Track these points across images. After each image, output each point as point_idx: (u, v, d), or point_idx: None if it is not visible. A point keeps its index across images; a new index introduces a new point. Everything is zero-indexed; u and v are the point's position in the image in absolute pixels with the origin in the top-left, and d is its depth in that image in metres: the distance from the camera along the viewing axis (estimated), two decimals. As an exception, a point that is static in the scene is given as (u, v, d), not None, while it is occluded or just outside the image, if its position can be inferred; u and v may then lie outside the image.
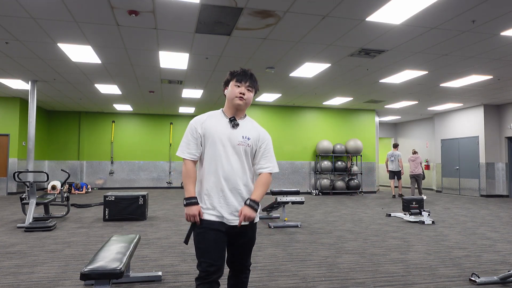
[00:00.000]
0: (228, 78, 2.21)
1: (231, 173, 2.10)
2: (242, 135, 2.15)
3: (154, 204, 9.40)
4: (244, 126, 2.19)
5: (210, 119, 2.18)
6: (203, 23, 5.50)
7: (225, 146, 2.11)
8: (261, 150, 2.20)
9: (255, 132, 2.21)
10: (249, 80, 2.16)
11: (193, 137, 2.14)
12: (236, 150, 2.12)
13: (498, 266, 3.95)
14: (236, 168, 2.11)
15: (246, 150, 2.15)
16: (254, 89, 2.20)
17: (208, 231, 2.05)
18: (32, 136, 9.33)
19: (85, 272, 2.24)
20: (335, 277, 3.52)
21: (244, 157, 2.14)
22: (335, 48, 6.59)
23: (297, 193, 6.45)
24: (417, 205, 7.12)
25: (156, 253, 4.36)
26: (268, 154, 2.22)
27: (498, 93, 10.43)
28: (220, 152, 2.10)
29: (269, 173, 2.20)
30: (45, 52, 6.86)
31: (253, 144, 2.17)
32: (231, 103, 2.17)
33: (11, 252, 4.35)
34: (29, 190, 6.13)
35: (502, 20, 5.26)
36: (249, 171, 2.17)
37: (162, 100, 11.88)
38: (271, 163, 2.21)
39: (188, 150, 2.14)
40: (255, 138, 2.19)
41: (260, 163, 2.19)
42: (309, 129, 13.20)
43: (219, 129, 2.13)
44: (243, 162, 2.14)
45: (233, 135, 2.13)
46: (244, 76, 2.16)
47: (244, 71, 2.18)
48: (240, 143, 2.13)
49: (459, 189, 13.28)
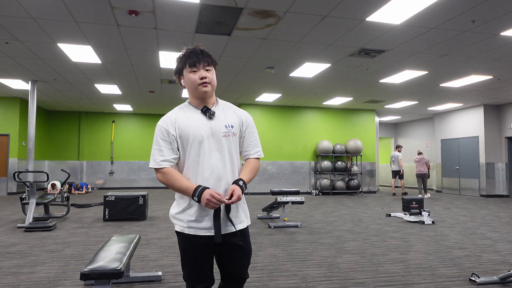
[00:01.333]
0: (178, 65, 1.87)
1: (221, 173, 1.80)
2: (225, 125, 1.84)
3: (154, 204, 9.40)
4: (222, 114, 1.87)
5: (181, 115, 1.84)
6: (203, 23, 5.50)
7: (209, 143, 1.80)
8: (246, 135, 1.92)
9: (236, 116, 1.90)
10: (203, 59, 1.80)
11: (166, 141, 1.79)
12: (221, 144, 1.81)
13: (498, 266, 3.95)
14: (226, 166, 1.82)
15: (234, 141, 1.86)
16: (213, 66, 1.85)
17: (194, 244, 1.79)
18: (32, 136, 9.33)
19: (85, 272, 2.24)
20: (335, 277, 3.52)
21: (234, 149, 1.86)
22: (335, 48, 6.59)
23: (297, 193, 6.45)
24: (417, 205, 7.12)
25: (156, 253, 4.36)
26: (253, 138, 1.94)
27: (498, 93, 10.43)
28: (205, 151, 1.78)
29: (257, 158, 1.94)
30: (45, 52, 6.86)
31: (237, 131, 1.88)
32: (195, 92, 1.82)
33: (11, 252, 4.35)
34: (29, 190, 6.13)
35: (502, 20, 5.26)
36: (238, 166, 1.89)
37: (162, 100, 11.88)
38: (258, 147, 1.95)
39: (162, 158, 1.78)
40: (238, 124, 1.89)
41: (246, 149, 1.93)
42: (309, 129, 13.20)
43: (197, 125, 1.80)
44: (232, 156, 1.85)
45: (214, 127, 1.82)
46: (196, 57, 1.80)
47: (193, 51, 1.82)
48: (225, 134, 1.83)
49: (459, 189, 13.28)
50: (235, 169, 1.86)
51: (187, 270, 1.83)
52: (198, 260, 1.80)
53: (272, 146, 12.66)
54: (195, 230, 1.78)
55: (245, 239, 1.87)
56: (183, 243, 1.83)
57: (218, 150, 1.81)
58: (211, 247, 1.81)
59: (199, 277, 1.81)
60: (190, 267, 1.81)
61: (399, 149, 13.22)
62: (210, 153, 1.80)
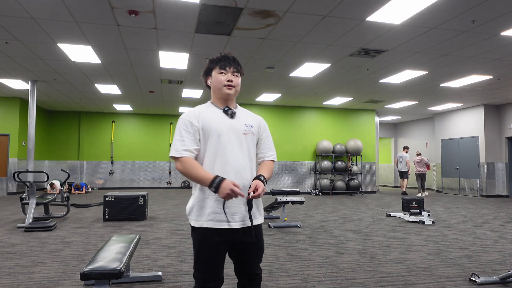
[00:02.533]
0: (209, 66, 1.98)
1: (240, 167, 1.86)
2: (245, 123, 1.94)
3: (154, 204, 9.40)
4: (242, 115, 1.98)
5: (205, 110, 1.93)
6: (203, 23, 5.50)
7: (230, 138, 1.87)
8: (263, 138, 2.03)
9: (255, 120, 2.03)
10: (233, 65, 1.93)
11: (188, 132, 1.85)
12: (241, 141, 1.90)
13: (498, 266, 3.95)
14: (244, 161, 1.88)
15: (253, 140, 1.96)
16: (240, 73, 1.97)
17: (209, 241, 1.82)
18: (32, 136, 9.33)
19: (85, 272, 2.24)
20: (335, 277, 3.52)
21: (252, 147, 1.95)
22: (335, 48, 6.59)
23: (297, 193, 6.45)
24: (417, 205, 7.12)
25: (156, 253, 4.36)
26: (269, 142, 2.06)
27: (498, 93, 10.43)
28: (225, 144, 1.85)
29: (272, 161, 2.04)
30: (45, 52, 6.86)
31: (256, 133, 1.99)
32: (219, 93, 1.93)
33: (11, 252, 4.35)
34: (29, 190, 6.13)
35: (502, 20, 5.26)
36: (255, 163, 1.98)
37: (162, 100, 11.88)
38: (273, 151, 2.07)
39: (183, 147, 1.82)
40: (256, 126, 2.00)
41: (263, 152, 2.03)
42: (309, 129, 13.20)
43: (219, 120, 1.89)
44: (251, 153, 1.93)
45: (236, 125, 1.91)
46: (227, 61, 1.93)
47: (226, 56, 1.95)
48: (246, 131, 1.92)
49: (459, 189, 13.28)
50: (253, 166, 1.93)
51: (199, 267, 1.84)
52: (212, 258, 1.82)
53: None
54: (213, 223, 1.81)
55: (258, 235, 1.92)
56: (199, 239, 1.85)
57: (238, 145, 1.88)
58: (226, 244, 1.85)
59: (211, 275, 1.83)
60: (203, 264, 1.83)
61: (406, 150, 13.49)
62: (230, 146, 1.86)
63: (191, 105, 12.92)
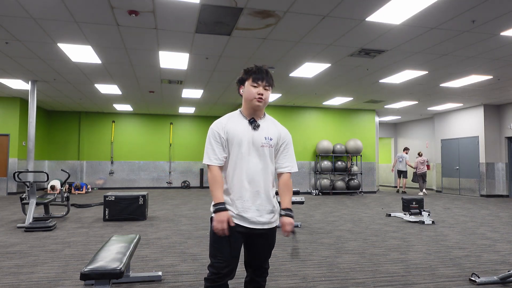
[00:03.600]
0: (243, 76, 2.12)
1: (255, 175, 2.06)
2: (265, 136, 2.10)
3: (154, 204, 9.40)
4: (265, 127, 2.13)
5: (231, 121, 2.11)
6: (203, 23, 5.50)
7: (249, 149, 2.06)
8: (281, 149, 2.17)
9: (277, 131, 2.16)
10: (265, 79, 2.08)
11: (217, 142, 2.07)
12: (260, 152, 2.08)
13: (498, 266, 3.95)
14: (259, 171, 2.07)
15: (270, 152, 2.11)
16: (271, 87, 2.12)
17: (230, 234, 2.01)
18: (32, 136, 9.33)
19: (85, 272, 2.24)
20: (335, 277, 3.52)
21: (269, 158, 2.11)
22: (335, 48, 6.59)
23: (297, 193, 6.45)
24: (417, 205, 7.12)
25: (156, 253, 4.36)
26: (288, 153, 2.18)
27: (498, 93, 10.43)
28: (244, 154, 2.05)
29: (289, 174, 2.17)
30: (45, 52, 6.86)
31: (275, 144, 2.14)
32: (249, 104, 2.09)
33: (11, 252, 4.35)
34: (29, 190, 6.13)
35: (502, 20, 5.26)
36: (271, 173, 2.14)
37: (162, 100, 11.88)
38: (290, 162, 2.17)
39: (214, 156, 2.06)
40: (276, 138, 2.14)
41: (279, 162, 2.16)
42: (309, 129, 13.20)
43: (242, 131, 2.08)
44: (267, 164, 2.10)
45: (256, 136, 2.08)
46: (260, 75, 2.07)
47: (259, 69, 2.09)
48: (264, 144, 2.08)
49: (459, 189, 13.28)
50: (269, 175, 2.11)
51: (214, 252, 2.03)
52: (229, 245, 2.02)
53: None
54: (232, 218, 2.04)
55: (273, 236, 2.18)
56: None
57: (257, 156, 2.08)
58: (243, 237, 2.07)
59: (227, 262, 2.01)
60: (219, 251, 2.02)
61: (406, 151, 14.25)
62: (248, 157, 2.06)
63: (191, 105, 12.92)
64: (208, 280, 2.00)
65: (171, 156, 15.21)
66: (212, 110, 13.94)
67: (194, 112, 14.56)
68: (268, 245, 2.15)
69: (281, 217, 2.09)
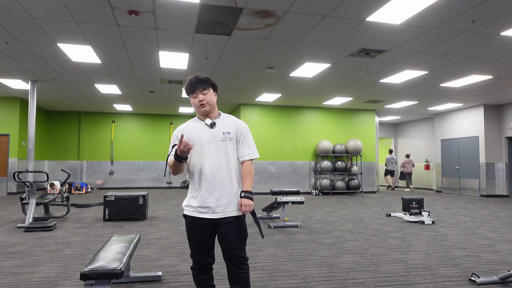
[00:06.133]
0: (186, 95, 2.49)
1: (217, 168, 2.28)
2: (223, 131, 2.33)
3: (154, 204, 9.40)
4: (222, 124, 2.37)
5: (190, 125, 2.39)
6: (203, 23, 5.50)
7: (209, 145, 2.30)
8: (241, 140, 2.38)
9: (233, 125, 2.38)
10: (197, 86, 2.31)
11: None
12: (220, 146, 2.30)
13: (498, 266, 3.95)
14: (221, 163, 2.29)
15: (230, 145, 2.33)
16: (209, 88, 2.34)
17: (196, 226, 2.30)
18: (32, 136, 9.33)
19: (85, 272, 2.24)
20: (335, 277, 3.52)
21: (230, 151, 2.32)
22: (335, 48, 6.59)
23: (297, 193, 6.45)
24: (417, 205, 7.12)
25: (156, 253, 4.36)
26: (247, 142, 2.39)
27: (498, 93, 10.43)
28: (204, 151, 2.29)
29: (250, 161, 2.38)
30: (45, 52, 6.86)
31: (234, 137, 2.36)
32: (198, 112, 2.36)
33: (11, 252, 4.35)
34: (29, 190, 6.13)
35: (502, 20, 5.26)
36: (233, 164, 2.34)
37: (162, 100, 11.88)
38: (250, 150, 2.39)
39: (171, 156, 2.28)
40: (234, 131, 2.37)
41: (240, 151, 2.38)
42: (309, 129, 13.20)
43: (201, 131, 2.33)
44: (228, 156, 2.32)
45: (215, 133, 2.32)
46: (191, 87, 2.32)
47: (190, 83, 2.33)
48: (223, 139, 2.32)
49: (459, 189, 13.28)
50: (230, 167, 2.32)
51: (190, 245, 2.36)
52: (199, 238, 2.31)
53: (272, 146, 12.66)
54: (198, 213, 2.30)
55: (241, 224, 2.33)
56: (187, 224, 2.35)
57: (217, 152, 2.30)
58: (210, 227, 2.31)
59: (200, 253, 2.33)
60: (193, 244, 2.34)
61: (393, 153, 16.13)
62: (210, 153, 2.29)
63: (191, 105, 12.89)
64: (193, 269, 2.38)
65: (171, 156, 15.20)
66: (212, 110, 13.92)
67: (194, 112, 14.55)
68: (237, 233, 2.28)
69: (241, 198, 2.28)
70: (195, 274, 2.37)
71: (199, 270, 2.36)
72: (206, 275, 2.37)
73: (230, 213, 2.28)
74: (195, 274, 2.37)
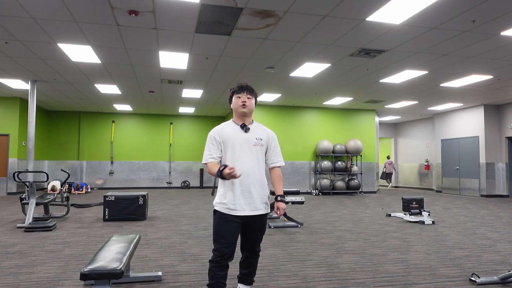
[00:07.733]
0: (230, 94, 2.64)
1: (249, 170, 2.50)
2: (256, 137, 2.57)
3: (154, 204, 9.39)
4: (255, 130, 2.61)
5: (226, 127, 2.59)
6: (203, 23, 5.50)
7: (242, 148, 2.52)
8: (271, 148, 2.65)
9: (265, 133, 2.65)
10: (246, 90, 2.57)
11: (213, 145, 2.54)
12: (252, 150, 2.54)
13: (498, 266, 3.95)
14: (253, 166, 2.52)
15: (261, 150, 2.59)
16: (253, 96, 2.60)
17: (227, 221, 2.46)
18: (32, 136, 9.33)
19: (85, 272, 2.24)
20: (335, 277, 3.52)
21: (260, 155, 2.58)
22: (335, 48, 6.59)
23: (297, 193, 6.45)
24: (417, 205, 7.12)
25: (156, 253, 4.36)
26: (277, 150, 2.68)
27: (498, 93, 10.43)
28: (238, 153, 2.51)
29: (279, 168, 2.68)
30: (45, 52, 6.86)
31: (265, 144, 2.61)
32: (237, 112, 2.58)
33: (11, 252, 4.35)
34: (29, 190, 6.12)
35: (502, 20, 5.26)
36: (263, 167, 2.60)
37: (162, 100, 11.88)
38: (279, 157, 2.68)
39: (210, 155, 2.52)
40: (265, 139, 2.63)
41: (271, 159, 2.66)
42: (309, 129, 13.20)
43: (235, 134, 2.55)
44: (259, 160, 2.56)
45: (248, 138, 2.55)
46: (242, 88, 2.57)
47: (241, 85, 2.59)
48: (255, 143, 2.56)
49: (459, 189, 13.28)
50: (261, 169, 2.58)
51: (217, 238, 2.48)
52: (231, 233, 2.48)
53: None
54: (230, 211, 2.49)
55: (264, 222, 2.63)
56: (217, 219, 2.51)
57: (249, 154, 2.53)
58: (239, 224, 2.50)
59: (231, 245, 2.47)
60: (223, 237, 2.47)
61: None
62: (243, 155, 2.52)
63: (191, 105, 12.92)
64: (212, 262, 2.44)
65: (171, 156, 15.21)
66: (212, 110, 13.95)
67: (194, 112, 14.56)
68: (260, 230, 2.60)
69: (276, 202, 2.57)
70: (213, 267, 2.45)
71: (219, 263, 2.44)
72: (223, 271, 2.46)
73: (258, 211, 2.52)
74: (213, 267, 2.45)
